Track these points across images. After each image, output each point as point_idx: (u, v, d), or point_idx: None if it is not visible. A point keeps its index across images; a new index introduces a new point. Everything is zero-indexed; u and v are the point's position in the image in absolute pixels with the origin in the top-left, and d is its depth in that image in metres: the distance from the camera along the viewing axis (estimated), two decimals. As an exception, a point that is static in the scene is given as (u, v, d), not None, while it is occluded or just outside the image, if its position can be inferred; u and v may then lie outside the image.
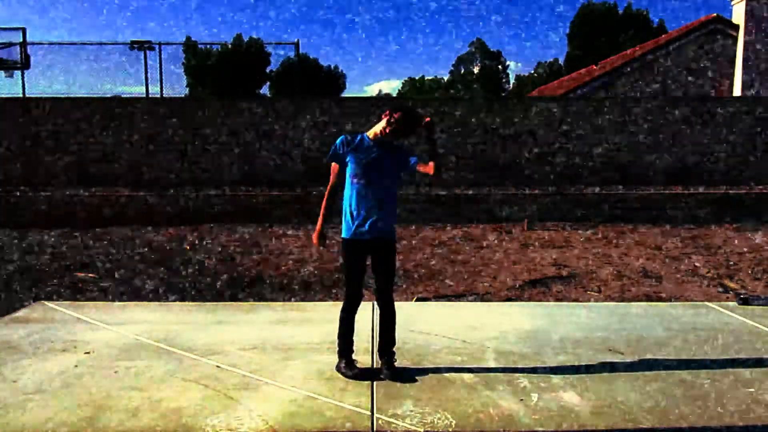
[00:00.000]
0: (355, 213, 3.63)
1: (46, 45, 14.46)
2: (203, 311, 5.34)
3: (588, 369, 3.83)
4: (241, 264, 7.80)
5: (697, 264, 7.73)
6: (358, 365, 3.74)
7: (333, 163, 3.74)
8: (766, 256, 8.21)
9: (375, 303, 5.29)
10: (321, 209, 3.77)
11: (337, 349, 3.76)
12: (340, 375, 3.70)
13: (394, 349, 3.77)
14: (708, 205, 11.70)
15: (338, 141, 3.70)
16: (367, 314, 4.87)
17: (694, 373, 3.75)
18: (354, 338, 3.76)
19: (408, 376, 3.66)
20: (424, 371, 3.77)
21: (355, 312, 3.75)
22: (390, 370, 3.66)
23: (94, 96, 13.67)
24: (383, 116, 3.66)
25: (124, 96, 14.33)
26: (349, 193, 3.67)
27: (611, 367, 3.86)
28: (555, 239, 9.66)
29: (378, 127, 3.68)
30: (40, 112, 12.49)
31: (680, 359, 4.02)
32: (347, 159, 3.66)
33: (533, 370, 3.80)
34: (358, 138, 3.71)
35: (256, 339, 4.43)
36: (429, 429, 3.02)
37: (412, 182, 12.27)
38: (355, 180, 3.63)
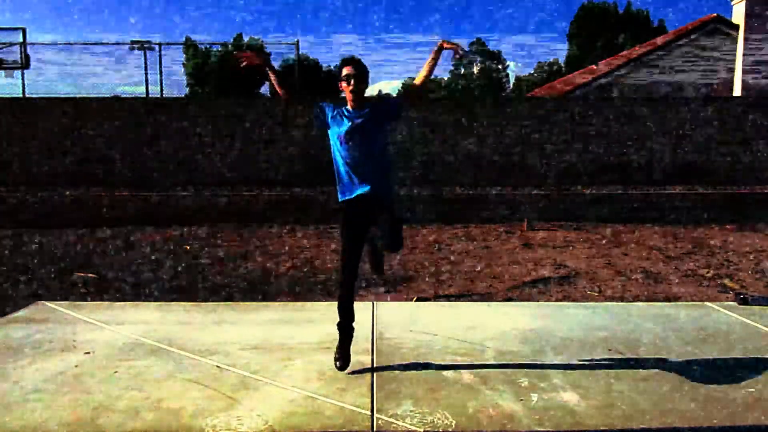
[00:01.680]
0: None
1: (46, 45, 14.45)
2: (203, 311, 5.34)
3: (588, 369, 3.83)
4: (242, 264, 7.80)
5: (697, 264, 7.73)
6: (356, 364, 3.76)
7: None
8: (766, 256, 8.21)
9: (374, 303, 5.31)
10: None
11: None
12: (340, 375, 3.70)
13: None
14: (708, 205, 11.69)
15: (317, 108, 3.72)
16: (367, 314, 4.87)
17: (693, 373, 3.75)
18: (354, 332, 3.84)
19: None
20: (424, 371, 3.77)
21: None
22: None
23: (94, 96, 13.66)
24: (341, 85, 3.64)
25: (124, 96, 14.32)
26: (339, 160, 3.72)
27: (611, 367, 3.86)
28: (555, 239, 9.66)
29: (347, 95, 3.64)
30: (40, 112, 12.50)
31: (680, 359, 4.01)
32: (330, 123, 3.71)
33: (533, 370, 3.79)
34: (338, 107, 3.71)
35: (256, 339, 4.43)
36: (429, 429, 3.02)
37: (411, 183, 12.27)
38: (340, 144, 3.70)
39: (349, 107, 3.67)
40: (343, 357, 3.74)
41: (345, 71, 3.59)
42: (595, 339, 4.44)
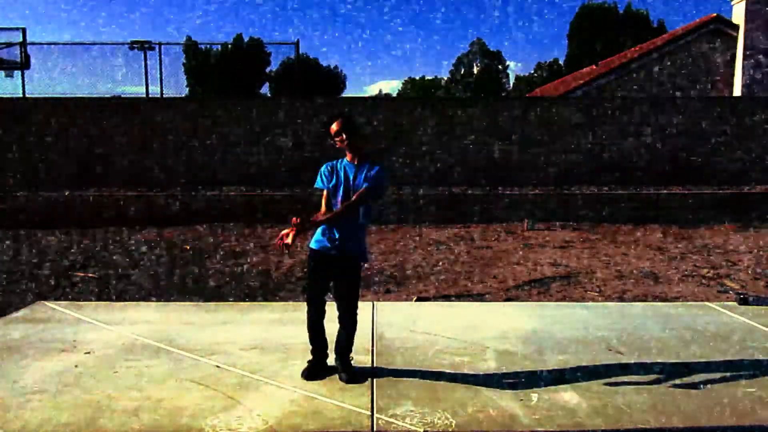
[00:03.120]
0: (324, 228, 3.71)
1: (46, 45, 14.43)
2: (203, 311, 5.34)
3: (588, 369, 3.83)
4: (241, 264, 7.80)
5: (697, 264, 7.73)
6: (356, 365, 3.76)
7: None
8: (766, 256, 8.21)
9: (374, 303, 5.32)
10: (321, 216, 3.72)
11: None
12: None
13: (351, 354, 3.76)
14: (708, 205, 11.69)
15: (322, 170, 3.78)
16: (366, 314, 4.87)
17: (693, 373, 3.75)
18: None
19: (362, 377, 3.64)
20: (424, 371, 3.77)
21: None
22: (345, 372, 3.66)
23: (94, 96, 13.66)
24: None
25: (124, 96, 14.31)
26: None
27: (611, 367, 3.86)
28: (555, 239, 9.66)
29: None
30: (40, 112, 12.50)
31: (680, 359, 4.02)
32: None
33: (533, 370, 3.80)
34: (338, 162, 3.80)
35: (256, 339, 4.43)
36: (429, 429, 3.02)
37: (412, 182, 12.27)
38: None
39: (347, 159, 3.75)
40: (308, 370, 3.72)
41: (335, 127, 3.68)
42: (595, 339, 4.44)
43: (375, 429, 3.04)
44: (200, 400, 3.34)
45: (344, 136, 3.65)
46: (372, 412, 3.21)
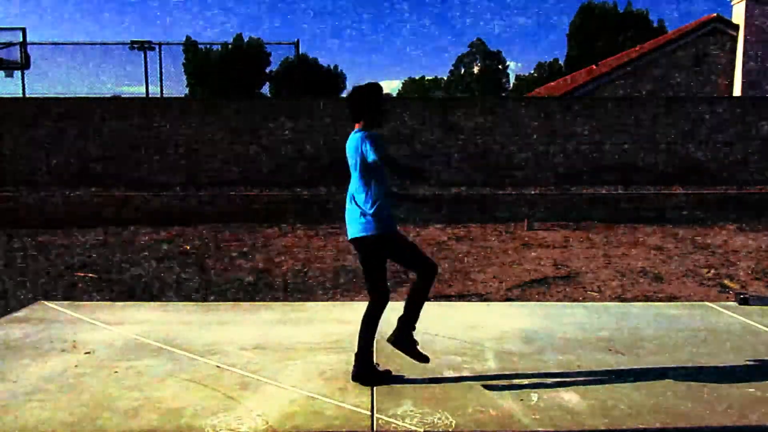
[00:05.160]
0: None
1: (46, 45, 14.43)
2: (203, 311, 5.34)
3: (588, 369, 3.83)
4: (241, 264, 7.80)
5: (697, 264, 7.73)
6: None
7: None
8: (766, 256, 8.21)
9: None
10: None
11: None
12: (340, 375, 3.70)
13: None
14: (708, 205, 11.69)
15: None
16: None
17: (693, 373, 3.75)
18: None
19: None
20: (424, 371, 3.77)
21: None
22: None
23: (94, 96, 13.65)
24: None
25: (124, 96, 14.31)
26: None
27: (611, 367, 3.86)
28: (555, 239, 9.66)
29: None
30: (40, 112, 12.49)
31: (680, 359, 4.02)
32: None
33: (533, 370, 3.80)
34: None
35: (256, 339, 4.43)
36: (429, 429, 3.02)
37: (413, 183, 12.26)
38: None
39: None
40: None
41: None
42: (595, 339, 4.44)
43: (375, 429, 3.04)
44: (200, 400, 3.34)
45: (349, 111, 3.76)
46: (372, 412, 3.21)
